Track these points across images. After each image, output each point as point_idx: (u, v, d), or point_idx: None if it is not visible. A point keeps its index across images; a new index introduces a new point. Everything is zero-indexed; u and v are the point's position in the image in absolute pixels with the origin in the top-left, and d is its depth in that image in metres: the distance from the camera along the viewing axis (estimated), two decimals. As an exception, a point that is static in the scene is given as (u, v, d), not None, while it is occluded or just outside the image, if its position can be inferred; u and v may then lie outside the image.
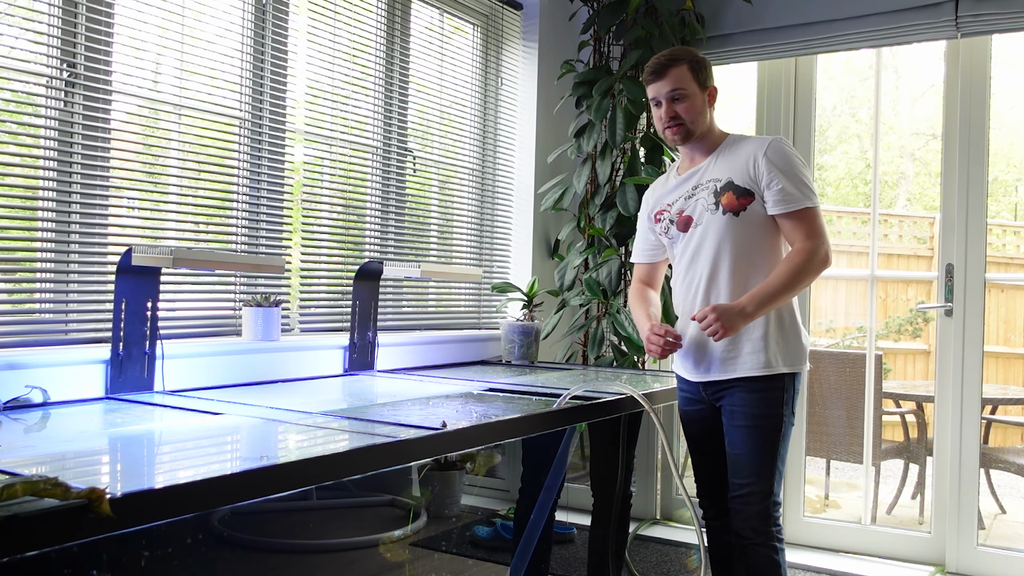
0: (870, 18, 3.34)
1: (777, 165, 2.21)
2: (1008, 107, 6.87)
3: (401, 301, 3.34)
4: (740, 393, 2.24)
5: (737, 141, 2.32)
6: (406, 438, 1.62)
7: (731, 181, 2.25)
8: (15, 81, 2.11)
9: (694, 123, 2.29)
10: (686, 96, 2.28)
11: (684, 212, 2.33)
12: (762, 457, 2.22)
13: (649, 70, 2.31)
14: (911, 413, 4.25)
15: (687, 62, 2.29)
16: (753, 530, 2.22)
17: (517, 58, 3.85)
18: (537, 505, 2.62)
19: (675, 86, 2.28)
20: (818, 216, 2.23)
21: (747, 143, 2.29)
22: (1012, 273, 6.77)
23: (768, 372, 2.22)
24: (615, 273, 3.50)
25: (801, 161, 2.27)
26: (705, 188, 2.30)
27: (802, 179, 2.23)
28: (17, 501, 1.06)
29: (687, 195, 2.33)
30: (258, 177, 2.71)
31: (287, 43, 2.80)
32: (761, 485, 2.21)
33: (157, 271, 2.18)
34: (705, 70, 2.32)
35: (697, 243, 2.30)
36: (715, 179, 2.28)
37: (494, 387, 2.55)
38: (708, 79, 2.33)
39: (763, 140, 2.27)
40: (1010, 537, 4.02)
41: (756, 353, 2.22)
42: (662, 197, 2.42)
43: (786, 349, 2.24)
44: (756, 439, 2.22)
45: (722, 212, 2.25)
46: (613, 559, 2.85)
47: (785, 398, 2.23)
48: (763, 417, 2.22)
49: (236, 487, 1.30)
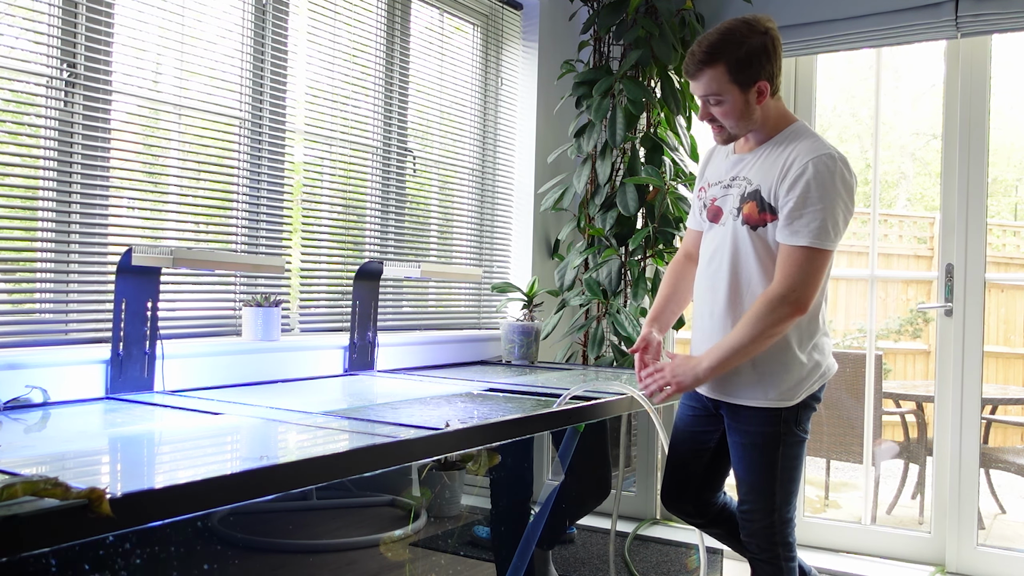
0: (870, 18, 3.34)
1: (803, 190, 1.96)
2: (1008, 107, 6.87)
3: (401, 301, 3.34)
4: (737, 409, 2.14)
5: (791, 140, 2.07)
6: (406, 438, 1.62)
7: (758, 191, 2.05)
8: (15, 81, 2.11)
9: (735, 127, 2.07)
10: (722, 101, 2.03)
11: (716, 202, 2.16)
12: (757, 475, 2.11)
13: (687, 65, 2.06)
14: (911, 413, 4.25)
15: (724, 62, 1.99)
16: (758, 547, 2.13)
17: (517, 58, 3.85)
18: (537, 504, 2.62)
19: (707, 92, 2.03)
20: (813, 260, 1.97)
21: (794, 150, 2.03)
22: (1012, 273, 6.77)
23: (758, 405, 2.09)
24: (615, 273, 3.50)
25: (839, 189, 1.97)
26: (738, 186, 2.11)
27: (819, 213, 1.95)
28: (17, 501, 1.06)
29: (726, 183, 2.15)
30: (258, 177, 2.71)
31: (287, 43, 2.80)
32: (761, 503, 2.11)
33: (157, 271, 2.18)
34: (751, 64, 2.00)
35: (716, 243, 2.15)
36: (748, 180, 2.09)
37: (494, 387, 2.55)
38: (755, 74, 2.01)
39: (808, 153, 2.00)
40: (1010, 537, 4.02)
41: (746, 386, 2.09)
42: (711, 171, 2.24)
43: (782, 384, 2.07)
44: (750, 456, 2.11)
45: (741, 222, 2.07)
46: (613, 560, 2.85)
47: (785, 416, 2.08)
48: (759, 435, 2.09)
49: (236, 487, 1.30)
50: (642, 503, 3.85)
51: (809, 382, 2.11)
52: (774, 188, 2.03)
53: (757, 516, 2.12)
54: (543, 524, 2.65)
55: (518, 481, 2.71)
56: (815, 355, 2.12)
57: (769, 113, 2.09)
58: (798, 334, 2.09)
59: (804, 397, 2.10)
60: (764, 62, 2.03)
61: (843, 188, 2.00)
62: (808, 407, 2.12)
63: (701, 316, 2.22)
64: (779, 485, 2.10)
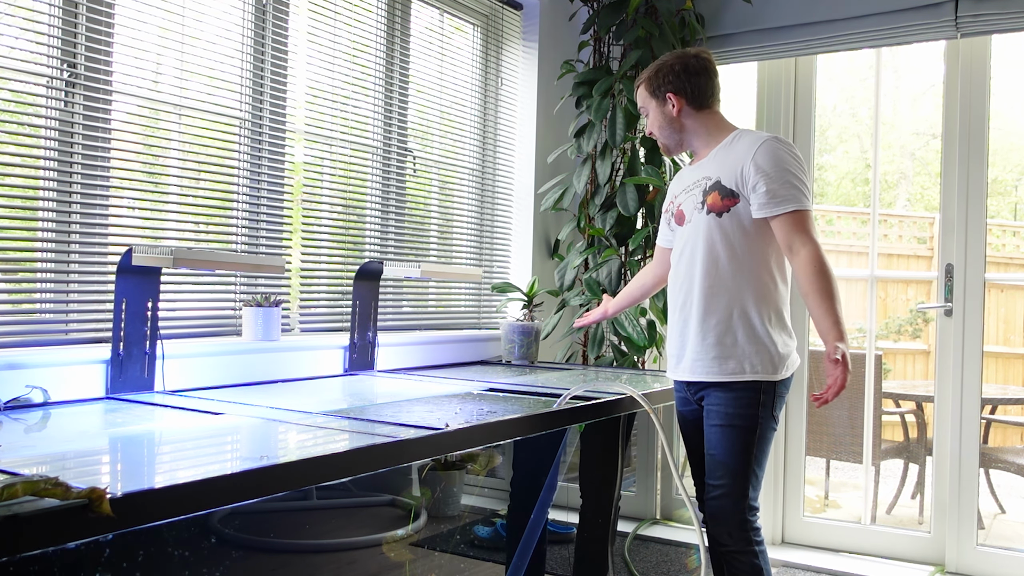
0: (870, 18, 3.34)
1: (763, 167, 2.16)
2: (1008, 107, 6.87)
3: (401, 301, 3.34)
4: (716, 392, 2.23)
5: (738, 138, 2.28)
6: (406, 438, 1.62)
7: (719, 181, 2.23)
8: (15, 81, 2.11)
9: (660, 135, 2.36)
10: (646, 113, 2.37)
11: (681, 206, 2.35)
12: (735, 457, 2.19)
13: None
14: (911, 413, 4.25)
15: (644, 81, 2.35)
16: (729, 535, 2.19)
17: (517, 58, 3.85)
18: (538, 504, 2.62)
19: (639, 106, 2.39)
20: (807, 219, 2.17)
21: (743, 142, 2.25)
22: (1012, 273, 6.77)
23: (735, 379, 2.19)
24: (615, 273, 3.50)
25: (795, 160, 2.20)
26: (699, 185, 2.29)
27: (789, 180, 2.16)
28: (17, 501, 1.06)
29: (690, 188, 2.33)
30: (258, 177, 2.71)
31: (287, 43, 2.80)
32: (734, 487, 2.18)
33: (157, 271, 2.18)
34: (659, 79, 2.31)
35: (684, 241, 2.30)
36: (707, 177, 2.27)
37: (494, 387, 2.55)
38: (664, 86, 2.31)
39: (756, 140, 2.22)
40: (1010, 537, 4.02)
41: (723, 359, 2.20)
42: (676, 187, 2.43)
43: (755, 357, 2.19)
44: (729, 438, 2.19)
45: (706, 212, 2.24)
46: (612, 561, 2.86)
47: (763, 400, 2.19)
48: (737, 417, 2.19)
49: (236, 487, 1.30)
50: (642, 503, 3.85)
51: (785, 359, 2.23)
52: (737, 175, 2.20)
53: (728, 501, 2.19)
54: (543, 524, 2.65)
55: (522, 480, 2.70)
56: (786, 338, 2.26)
57: (702, 122, 2.32)
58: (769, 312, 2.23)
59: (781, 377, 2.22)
60: (672, 78, 2.30)
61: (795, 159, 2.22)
62: (781, 396, 2.24)
63: (673, 310, 2.35)
64: (751, 469, 2.20)
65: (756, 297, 2.21)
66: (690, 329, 2.26)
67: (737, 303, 2.20)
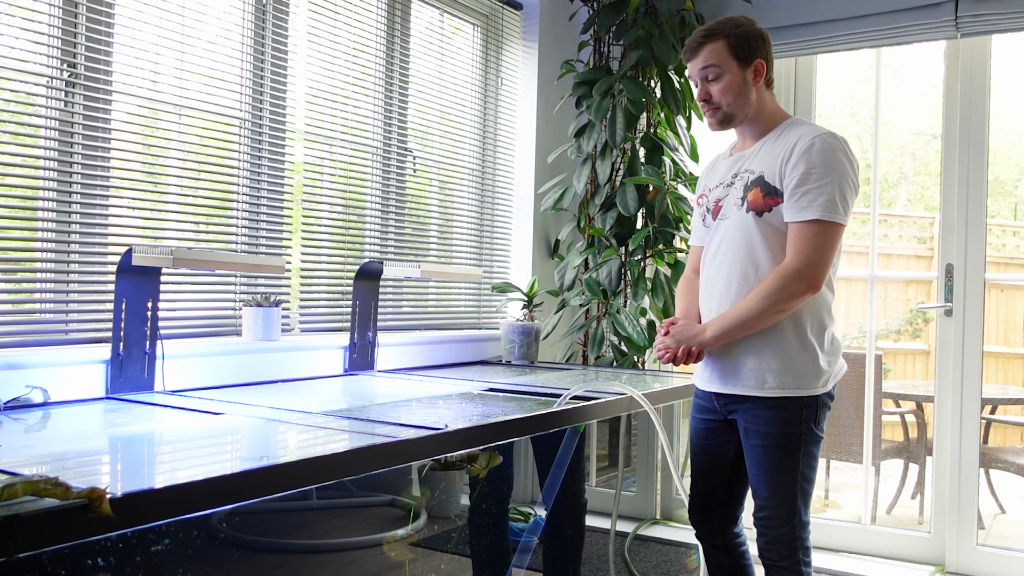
0: (870, 18, 3.34)
1: (807, 165, 1.96)
2: (1008, 107, 6.87)
3: (401, 301, 3.34)
4: (753, 409, 2.06)
5: (791, 127, 2.07)
6: (406, 438, 1.62)
7: (762, 176, 2.04)
8: (15, 81, 2.11)
9: (731, 105, 2.07)
10: (720, 75, 2.05)
11: (719, 201, 2.14)
12: (780, 478, 2.04)
13: (686, 46, 2.11)
14: (911, 413, 4.25)
15: (724, 36, 2.04)
16: (779, 553, 2.07)
17: (517, 58, 3.85)
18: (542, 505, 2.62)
19: (706, 63, 2.05)
20: (824, 234, 1.96)
21: (794, 132, 2.04)
22: (1012, 273, 6.77)
23: (775, 394, 2.03)
24: (615, 273, 3.50)
25: (845, 166, 1.98)
26: (741, 178, 2.09)
27: (826, 184, 1.95)
28: (17, 501, 1.06)
29: (728, 182, 2.13)
30: (258, 177, 2.71)
31: (287, 43, 2.80)
32: (782, 508, 2.05)
33: (157, 271, 2.18)
34: (748, 44, 2.05)
35: (721, 238, 2.12)
36: (751, 170, 2.08)
37: (494, 387, 2.55)
38: (753, 52, 2.06)
39: (810, 133, 2.01)
40: (1010, 537, 4.02)
41: (760, 372, 2.04)
42: (709, 179, 2.23)
43: (797, 371, 2.03)
44: (773, 460, 2.04)
45: (746, 209, 2.05)
46: (613, 560, 2.85)
47: (805, 415, 2.03)
48: (778, 436, 2.03)
49: (236, 487, 1.30)
50: (642, 503, 3.85)
51: (828, 373, 2.07)
52: (778, 170, 2.02)
53: (778, 522, 2.06)
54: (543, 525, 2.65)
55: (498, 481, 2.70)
56: (828, 346, 2.09)
57: (765, 103, 2.11)
58: (811, 320, 2.06)
59: (823, 390, 2.06)
60: (760, 44, 2.08)
61: (848, 164, 2.00)
62: (825, 405, 2.08)
63: (709, 312, 2.17)
64: (799, 488, 2.05)
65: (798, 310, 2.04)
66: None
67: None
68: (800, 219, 1.98)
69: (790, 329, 2.04)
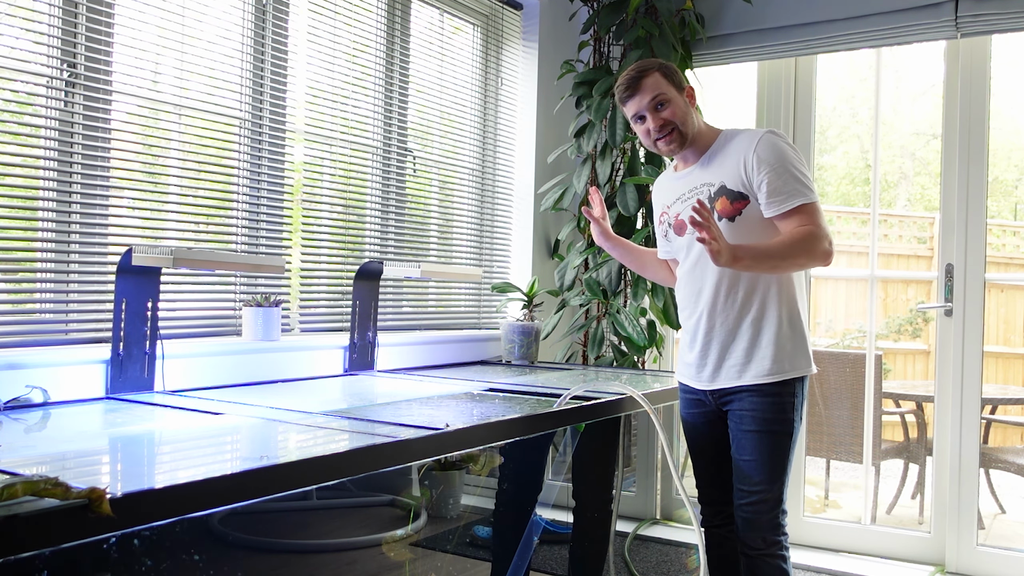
0: (870, 18, 3.34)
1: (767, 162, 2.11)
2: (1008, 107, 6.87)
3: (401, 301, 3.34)
4: (750, 397, 2.17)
5: (729, 138, 2.23)
6: (406, 438, 1.62)
7: (724, 186, 2.17)
8: (15, 81, 2.11)
9: (685, 125, 2.21)
10: (668, 101, 2.20)
11: (680, 216, 2.27)
12: (773, 464, 2.14)
13: (622, 88, 2.23)
14: (911, 413, 4.25)
15: (657, 69, 2.22)
16: (763, 540, 2.15)
17: (517, 58, 3.85)
18: (537, 504, 2.62)
19: (654, 93, 2.19)
20: (817, 212, 2.11)
21: (738, 141, 2.19)
22: (1012, 273, 6.77)
23: (780, 378, 2.15)
24: (615, 273, 3.50)
25: (795, 153, 2.16)
26: (699, 192, 2.22)
27: (794, 174, 2.11)
28: (17, 501, 1.06)
29: (684, 198, 2.26)
30: (258, 177, 2.71)
31: (287, 43, 2.80)
32: (772, 493, 2.15)
33: (157, 271, 2.18)
34: (676, 73, 2.25)
35: (698, 250, 2.21)
36: (708, 183, 2.20)
37: (494, 387, 2.55)
38: (681, 80, 2.25)
39: (753, 136, 2.16)
40: (1010, 537, 4.02)
41: (768, 359, 2.15)
42: (664, 197, 2.36)
43: (795, 352, 2.17)
44: (767, 445, 2.14)
45: (718, 218, 2.16)
46: (612, 562, 2.85)
47: (796, 403, 2.17)
48: (775, 422, 2.15)
49: (236, 487, 1.30)
50: (642, 503, 3.85)
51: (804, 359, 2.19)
52: (741, 176, 2.15)
53: (765, 507, 2.15)
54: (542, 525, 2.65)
55: (521, 481, 2.70)
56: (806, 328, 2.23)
57: (699, 123, 2.27)
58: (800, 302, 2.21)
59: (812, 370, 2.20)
60: (682, 75, 2.28)
61: (794, 150, 2.18)
62: (806, 396, 2.22)
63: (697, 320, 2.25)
64: (787, 474, 2.17)
65: (780, 296, 2.17)
66: (715, 336, 2.20)
67: (763, 304, 2.16)
68: (790, 206, 2.10)
69: (779, 319, 2.17)
